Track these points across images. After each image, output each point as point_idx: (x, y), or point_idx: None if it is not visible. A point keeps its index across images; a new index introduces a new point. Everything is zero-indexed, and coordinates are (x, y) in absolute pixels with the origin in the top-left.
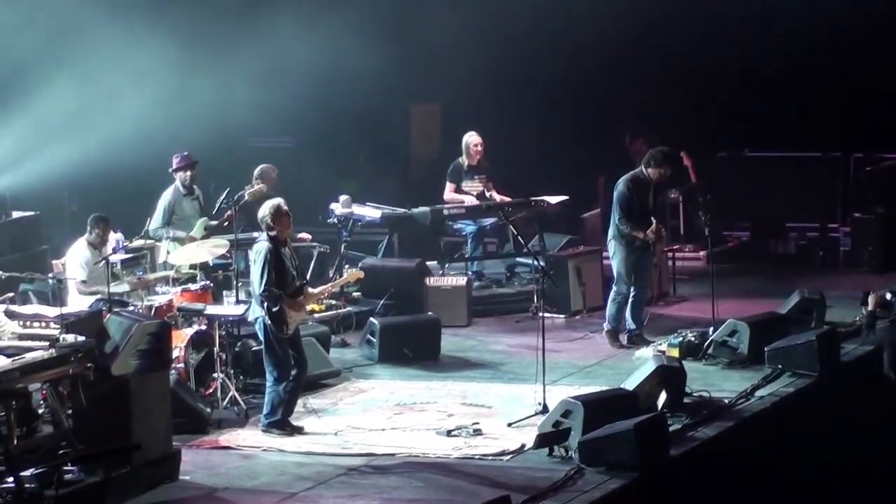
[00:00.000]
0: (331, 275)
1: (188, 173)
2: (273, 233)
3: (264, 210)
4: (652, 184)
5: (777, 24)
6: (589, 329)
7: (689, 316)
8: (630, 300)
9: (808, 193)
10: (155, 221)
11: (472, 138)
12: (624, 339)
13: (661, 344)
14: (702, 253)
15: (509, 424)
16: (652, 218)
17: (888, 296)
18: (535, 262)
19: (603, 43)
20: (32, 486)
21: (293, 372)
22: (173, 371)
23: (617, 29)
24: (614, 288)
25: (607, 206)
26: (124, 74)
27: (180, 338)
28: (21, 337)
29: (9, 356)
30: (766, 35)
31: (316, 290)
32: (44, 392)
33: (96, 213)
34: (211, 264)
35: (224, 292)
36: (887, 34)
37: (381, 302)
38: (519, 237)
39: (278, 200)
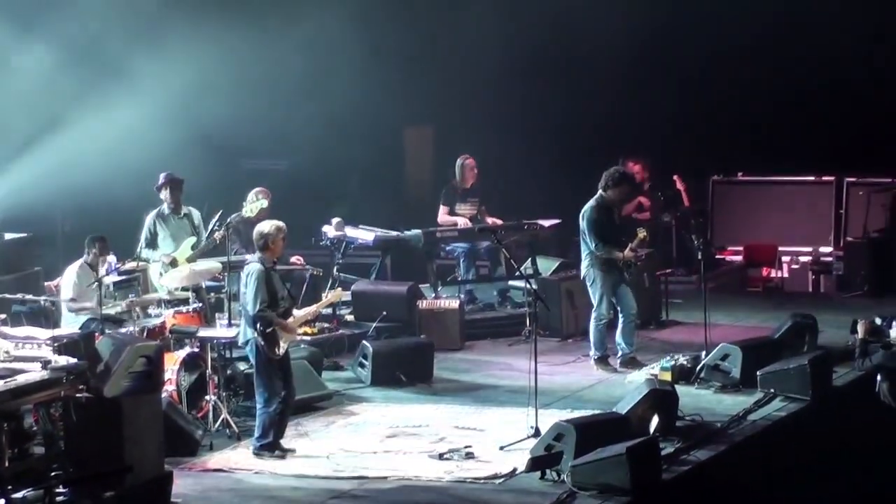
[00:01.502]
0: (323, 298)
1: (168, 191)
2: (265, 253)
3: (268, 227)
4: (614, 205)
5: (769, 49)
6: (581, 352)
7: (681, 339)
8: (620, 323)
9: (800, 217)
10: (139, 243)
11: (467, 161)
12: (616, 362)
13: (653, 367)
14: (694, 277)
15: (501, 448)
16: (640, 229)
17: (878, 321)
18: (528, 286)
19: (597, 66)
20: None
21: (280, 394)
22: (165, 393)
23: (610, 52)
24: (594, 314)
25: None
26: (117, 96)
27: (172, 360)
28: (13, 358)
29: (0, 378)
30: (759, 60)
31: (301, 312)
32: (36, 414)
33: (93, 234)
34: (203, 286)
35: (216, 314)
36: (880, 58)
37: (374, 325)
38: (511, 260)
39: (283, 224)
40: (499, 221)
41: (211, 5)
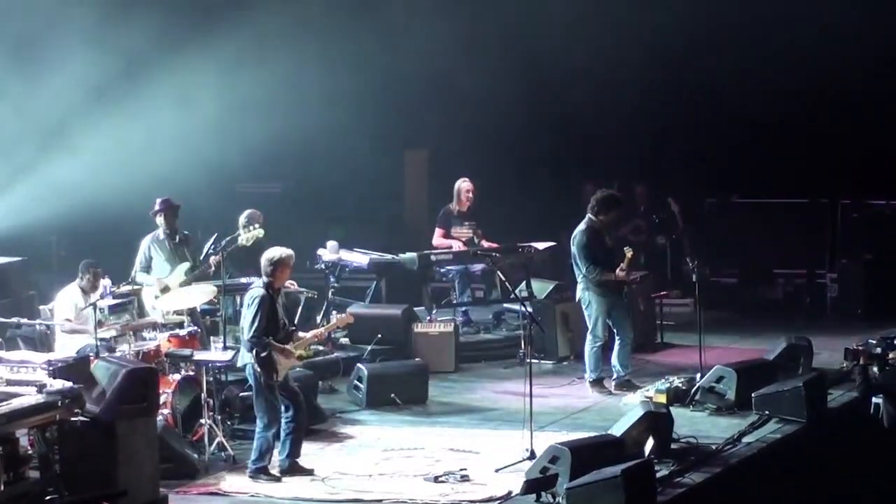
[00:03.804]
0: (318, 321)
1: (162, 217)
2: (270, 279)
3: (278, 255)
4: (604, 228)
5: (764, 73)
6: (576, 375)
7: (676, 362)
8: (616, 345)
9: (795, 240)
10: (134, 266)
11: (464, 184)
12: (611, 385)
13: (648, 390)
14: (689, 299)
15: (497, 470)
16: (626, 249)
17: (875, 346)
18: (523, 308)
19: (591, 89)
20: None
21: (289, 414)
22: (160, 417)
23: (605, 76)
24: (589, 337)
25: None
26: (109, 120)
27: (168, 383)
28: (8, 382)
29: None
30: (754, 83)
31: (306, 336)
32: (31, 438)
33: (87, 260)
34: (199, 310)
35: (212, 338)
36: (874, 82)
37: (369, 348)
38: (506, 283)
39: (291, 252)
40: (494, 244)
41: (205, 30)
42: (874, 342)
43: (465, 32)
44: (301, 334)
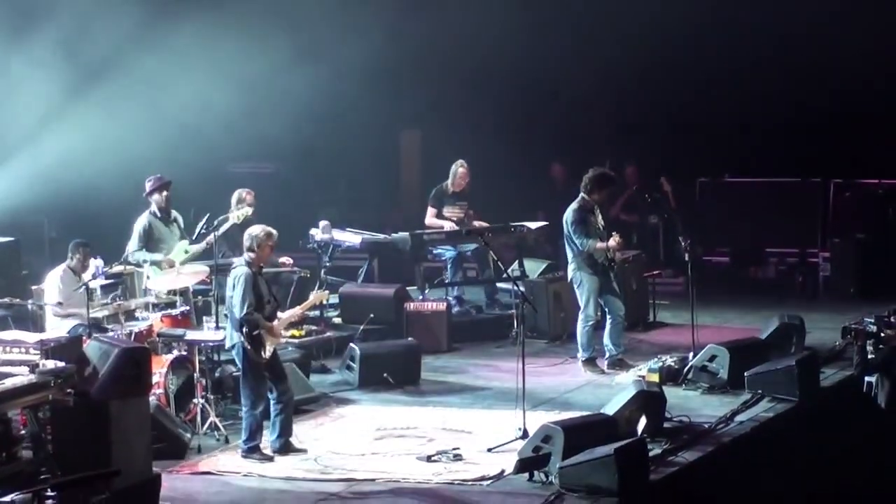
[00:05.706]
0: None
1: (163, 194)
2: (252, 256)
3: (257, 231)
4: (596, 206)
5: (756, 51)
6: (569, 354)
7: (668, 341)
8: (608, 324)
9: (787, 219)
10: (131, 245)
11: (461, 169)
12: (603, 364)
13: (640, 369)
14: (681, 278)
15: (489, 450)
16: (614, 234)
17: (870, 325)
18: (515, 288)
19: (583, 70)
20: None
21: (275, 393)
22: (153, 396)
23: (596, 56)
24: (581, 316)
25: None
26: (101, 100)
27: (160, 363)
28: (1, 362)
29: None
30: (745, 62)
31: (285, 315)
32: (24, 417)
33: (77, 239)
34: (191, 290)
35: (204, 318)
36: (866, 60)
37: (362, 327)
38: (499, 263)
39: (273, 231)
40: (486, 224)
41: (200, 9)
42: (870, 321)
43: (461, 13)
44: (280, 314)
